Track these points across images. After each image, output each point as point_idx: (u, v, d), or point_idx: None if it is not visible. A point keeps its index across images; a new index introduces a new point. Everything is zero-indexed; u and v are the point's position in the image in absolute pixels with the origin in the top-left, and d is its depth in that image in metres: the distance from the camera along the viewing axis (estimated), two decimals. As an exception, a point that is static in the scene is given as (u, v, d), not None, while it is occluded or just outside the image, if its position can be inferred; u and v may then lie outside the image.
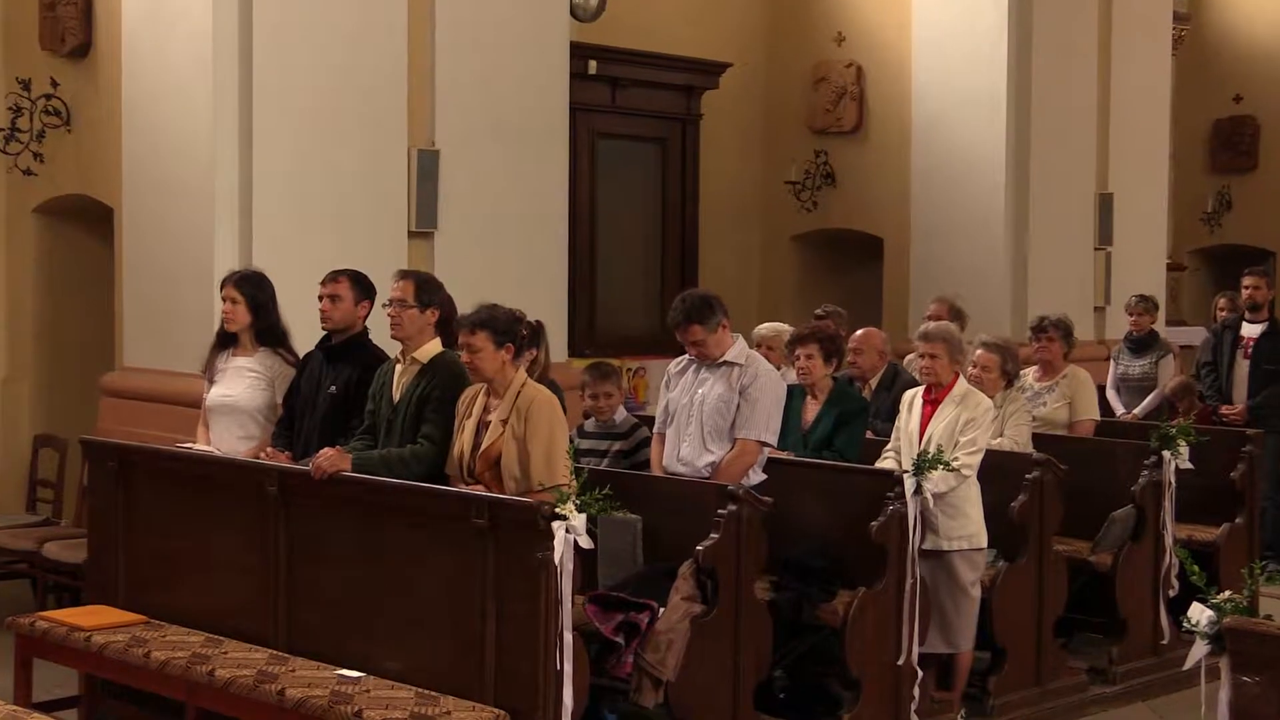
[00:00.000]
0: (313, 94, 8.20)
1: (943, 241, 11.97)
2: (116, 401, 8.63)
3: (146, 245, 8.48)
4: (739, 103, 12.65)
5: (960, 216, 11.90)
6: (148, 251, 8.48)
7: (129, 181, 8.61)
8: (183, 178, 8.16)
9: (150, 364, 8.47)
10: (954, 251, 11.89)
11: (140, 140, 8.50)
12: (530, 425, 5.62)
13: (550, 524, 5.04)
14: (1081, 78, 12.42)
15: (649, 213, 11.51)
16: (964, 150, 11.88)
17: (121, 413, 8.50)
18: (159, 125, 8.35)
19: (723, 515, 5.75)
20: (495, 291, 6.83)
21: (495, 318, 5.74)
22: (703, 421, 6.36)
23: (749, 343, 6.84)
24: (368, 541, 5.64)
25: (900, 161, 12.26)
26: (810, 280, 13.00)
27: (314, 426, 6.36)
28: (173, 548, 6.35)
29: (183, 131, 8.17)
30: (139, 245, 8.55)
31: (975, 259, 11.80)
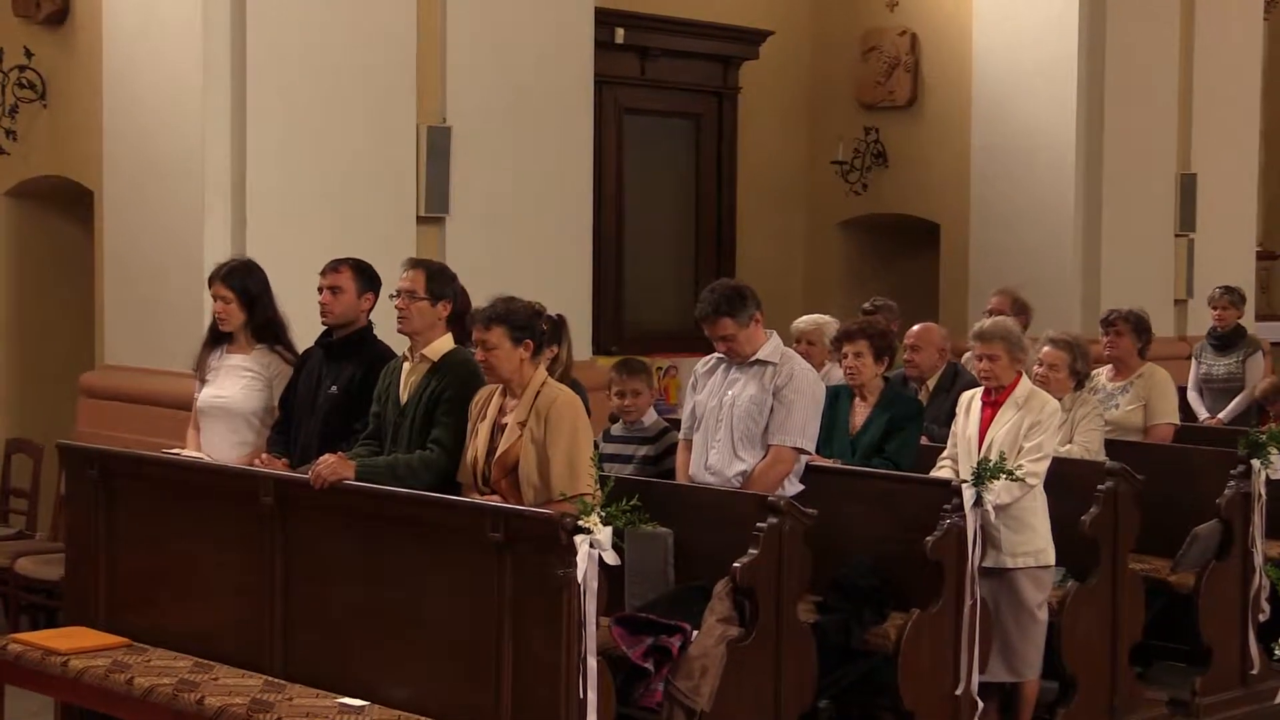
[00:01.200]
0: (312, 65, 8.23)
1: (1006, 228, 11.94)
2: (97, 403, 8.68)
3: (130, 231, 8.53)
4: (781, 74, 12.65)
5: (1025, 200, 11.87)
6: (131, 238, 8.52)
7: (110, 161, 8.66)
8: (169, 157, 8.21)
9: (134, 361, 8.52)
10: (1018, 239, 11.86)
11: (123, 116, 8.55)
12: (551, 429, 5.63)
13: (573, 538, 5.04)
14: (1162, 45, 12.37)
15: (681, 196, 11.52)
16: (1030, 126, 11.85)
17: (102, 415, 8.55)
18: (143, 99, 8.39)
19: (762, 529, 5.75)
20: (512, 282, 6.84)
21: (512, 311, 5.76)
22: (733, 426, 6.36)
23: (787, 338, 6.84)
24: (372, 557, 5.66)
25: (959, 139, 12.24)
26: (859, 271, 12.99)
27: (313, 430, 6.39)
28: (158, 564, 6.38)
29: (169, 106, 8.22)
30: (121, 231, 8.60)
31: (1042, 247, 11.77)
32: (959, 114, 12.25)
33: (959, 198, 12.26)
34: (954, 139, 12.28)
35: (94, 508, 6.59)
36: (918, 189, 12.58)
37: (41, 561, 8.01)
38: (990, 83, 12.03)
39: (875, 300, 9.32)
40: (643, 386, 7.02)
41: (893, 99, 12.63)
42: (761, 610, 5.73)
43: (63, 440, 7.06)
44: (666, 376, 10.86)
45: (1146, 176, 12.22)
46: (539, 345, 5.86)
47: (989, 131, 12.04)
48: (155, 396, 8.17)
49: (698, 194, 11.56)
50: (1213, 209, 12.76)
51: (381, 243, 7.90)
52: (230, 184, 8.04)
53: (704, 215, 11.57)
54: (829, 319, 8.46)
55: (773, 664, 5.77)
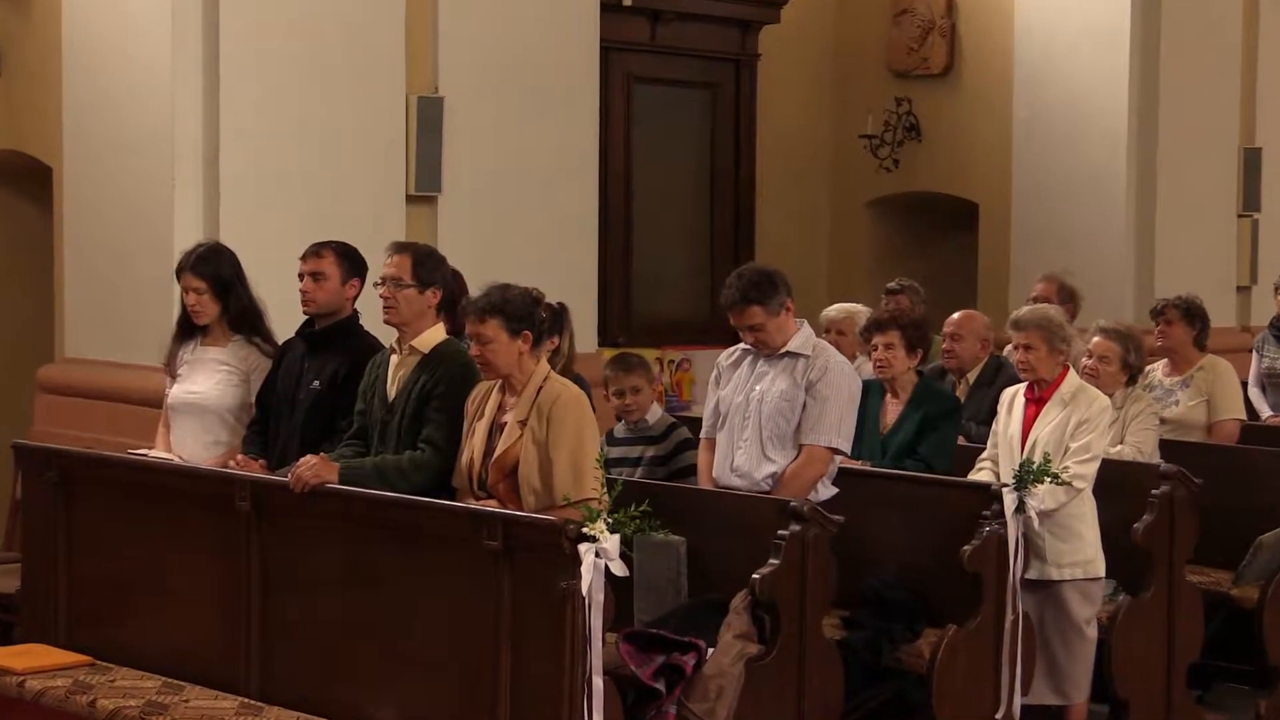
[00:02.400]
0: (291, 29, 8.24)
1: (1051, 207, 11.93)
2: (56, 399, 8.70)
3: (92, 211, 8.55)
4: (804, 40, 12.65)
5: (1072, 177, 11.86)
6: (94, 219, 8.54)
7: (70, 135, 8.67)
8: (135, 130, 8.22)
9: (97, 354, 8.54)
10: (1064, 219, 11.86)
11: (84, 85, 8.56)
12: (553, 427, 5.65)
13: (577, 546, 5.06)
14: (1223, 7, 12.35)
15: (696, 173, 11.52)
16: (1078, 95, 11.84)
17: (62, 412, 8.57)
18: (106, 67, 8.40)
19: (784, 536, 5.76)
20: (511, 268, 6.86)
21: (508, 300, 5.77)
22: (761, 424, 6.38)
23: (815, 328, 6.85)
24: (358, 567, 5.68)
25: (999, 110, 12.23)
26: (890, 254, 12.99)
27: (293, 429, 6.41)
28: (124, 575, 6.40)
29: (135, 74, 8.23)
30: (83, 212, 8.62)
31: (1090, 228, 11.77)
32: (999, 82, 12.24)
33: (999, 174, 12.25)
34: (994, 110, 12.28)
35: (53, 514, 6.61)
36: (954, 165, 12.57)
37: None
38: (1034, 48, 12.02)
39: (900, 280, 9.32)
40: (642, 382, 7.02)
41: (927, 66, 12.62)
42: (783, 626, 5.74)
43: (18, 440, 7.06)
44: (679, 371, 10.88)
45: (1206, 151, 12.21)
46: (538, 336, 5.87)
47: (1032, 101, 12.03)
48: (120, 392, 8.19)
49: (713, 171, 11.56)
50: (1279, 187, 12.75)
51: (368, 224, 7.91)
52: (202, 159, 8.05)
53: (720, 194, 11.57)
54: (861, 308, 8.47)
55: (795, 684, 5.77)
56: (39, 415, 8.80)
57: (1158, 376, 8.67)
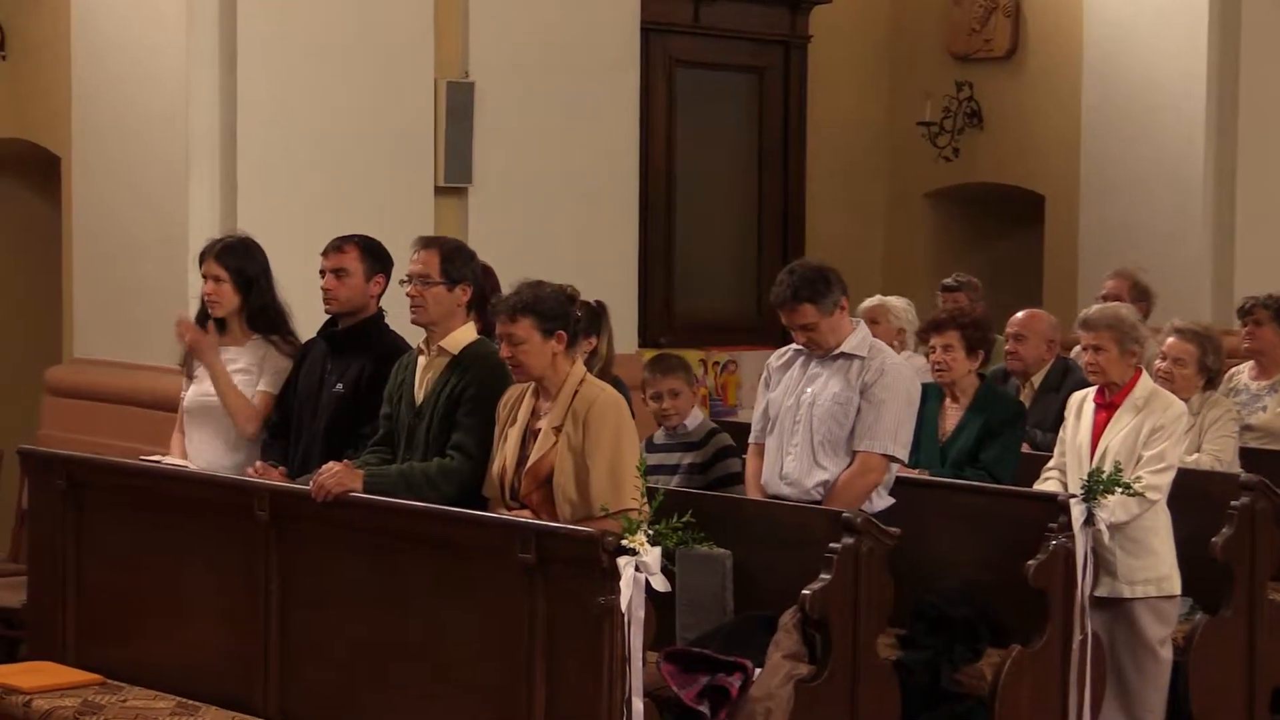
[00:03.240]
0: (312, 11, 8.27)
1: (1122, 199, 11.88)
2: (64, 402, 8.75)
3: (102, 203, 8.59)
4: (858, 20, 12.63)
5: (1145, 167, 11.81)
6: (104, 211, 8.58)
7: (79, 123, 8.72)
8: (148, 117, 8.26)
9: (108, 354, 8.58)
10: (1136, 212, 11.80)
11: (94, 69, 8.61)
12: (590, 434, 5.66)
13: (616, 560, 5.06)
14: (1308, -15, 12.28)
15: (742, 163, 11.52)
16: (1152, 80, 11.79)
17: (71, 416, 8.61)
18: (118, 51, 8.45)
19: (836, 550, 5.76)
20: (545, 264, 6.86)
21: (541, 299, 5.78)
22: (813, 429, 6.37)
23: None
24: (383, 581, 5.70)
25: (1067, 96, 12.19)
26: (949, 250, 12.96)
27: (315, 435, 6.43)
28: (136, 589, 6.43)
29: (148, 58, 8.27)
30: (93, 204, 8.67)
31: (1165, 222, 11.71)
32: (1067, 65, 12.20)
33: (1067, 164, 12.21)
34: (1061, 95, 12.23)
35: (61, 524, 6.65)
36: (1018, 154, 12.54)
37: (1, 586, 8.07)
38: (1105, 28, 11.97)
39: (958, 276, 9.32)
40: (681, 385, 7.02)
41: (989, 49, 12.59)
42: (835, 645, 5.73)
43: (24, 445, 7.11)
44: (725, 373, 10.87)
45: (1290, 139, 12.13)
46: (574, 336, 5.87)
47: (1103, 86, 11.98)
48: (132, 395, 8.23)
49: (761, 160, 11.56)
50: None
51: (394, 217, 7.94)
52: (218, 148, 8.09)
53: (768, 185, 11.57)
54: (896, 299, 8.50)
55: (848, 707, 5.77)
56: (46, 419, 8.85)
57: (1243, 380, 8.63)
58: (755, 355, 9.87)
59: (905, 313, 8.65)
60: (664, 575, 5.12)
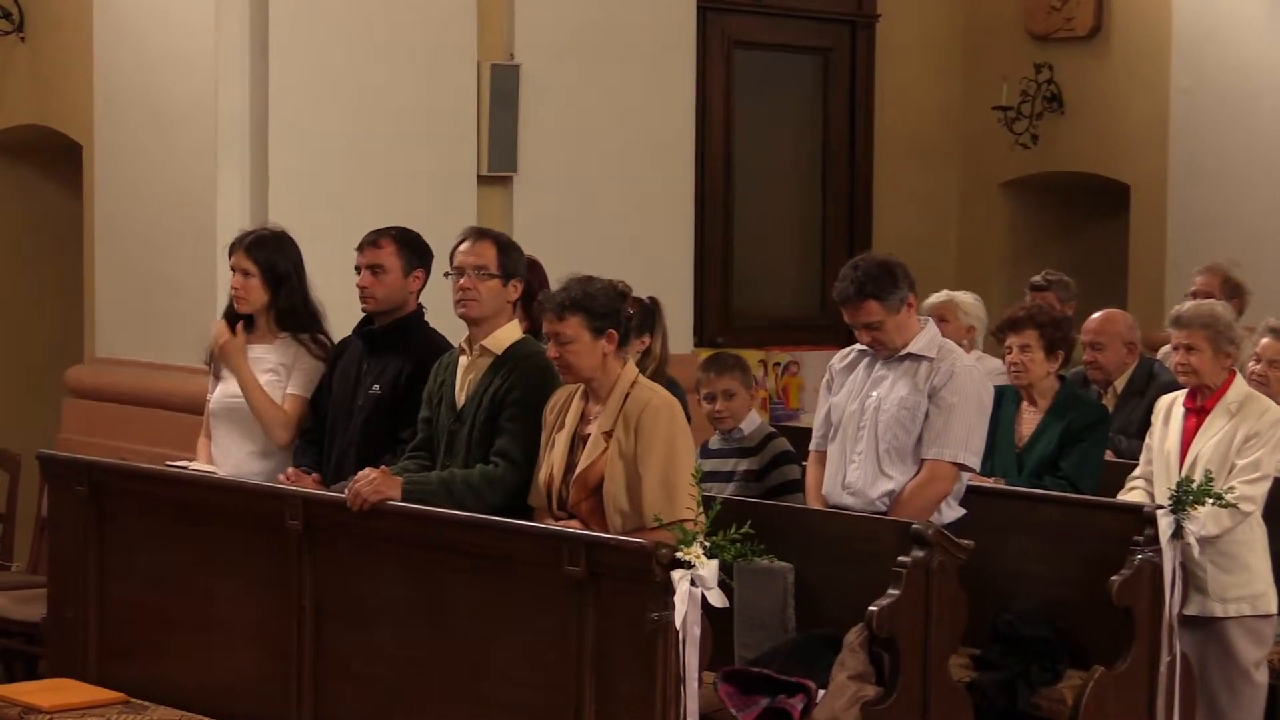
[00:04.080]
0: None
1: (1213, 189, 11.82)
2: (86, 404, 8.80)
3: (127, 194, 8.64)
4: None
5: (1239, 154, 11.74)
6: (129, 203, 8.63)
7: (102, 109, 8.77)
8: (175, 103, 8.31)
9: (131, 354, 8.63)
10: (1229, 203, 11.74)
11: (118, 52, 8.66)
12: (643, 439, 5.66)
13: (670, 573, 5.07)
14: None
15: (806, 151, 11.51)
16: (1246, 61, 11.72)
17: (93, 419, 8.67)
18: (143, 32, 8.50)
19: (906, 564, 5.75)
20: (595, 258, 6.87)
21: (591, 295, 5.78)
22: (878, 435, 6.36)
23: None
24: (423, 596, 5.72)
25: (1154, 78, 12.12)
26: (1028, 243, 12.91)
27: (350, 439, 6.46)
28: (161, 602, 6.46)
29: (175, 41, 8.31)
30: (117, 195, 8.71)
31: (1259, 214, 11.64)
32: (1155, 46, 12.13)
33: (1154, 152, 12.14)
34: (1148, 78, 12.17)
35: (83, 533, 6.69)
36: (1102, 141, 12.48)
37: (19, 599, 8.12)
38: (1195, 5, 11.90)
39: (1047, 274, 9.27)
40: (736, 386, 7.02)
41: (1071, 28, 12.53)
42: (904, 665, 5.72)
43: (44, 450, 7.14)
44: (786, 375, 10.87)
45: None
46: (625, 335, 5.88)
47: (1193, 68, 11.92)
48: (158, 396, 8.28)
49: (826, 148, 11.54)
50: None
51: (434, 209, 7.96)
52: (249, 136, 8.12)
53: (833, 175, 11.55)
54: (965, 294, 8.47)
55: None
56: (67, 422, 8.90)
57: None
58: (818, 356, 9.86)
59: (975, 309, 8.60)
60: (721, 590, 5.12)
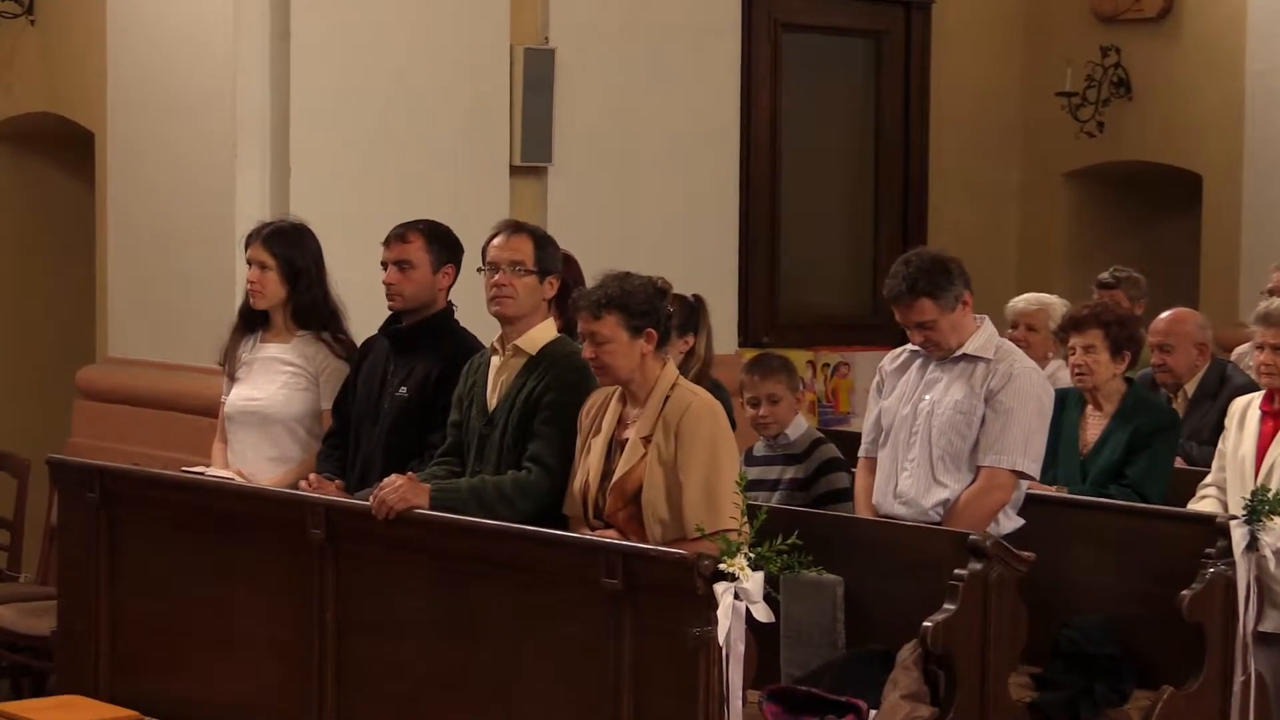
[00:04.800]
0: (375, -30, 8.34)
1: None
2: (98, 406, 8.83)
3: (141, 185, 8.66)
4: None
5: (1319, 143, 11.71)
6: (143, 194, 8.66)
7: (116, 95, 8.80)
8: (192, 90, 8.33)
9: (146, 354, 8.66)
10: (1309, 195, 11.71)
11: (132, 37, 8.68)
12: (684, 444, 5.67)
13: (713, 586, 5.07)
14: None
15: (857, 139, 11.50)
16: (1326, 44, 11.68)
17: (105, 422, 8.69)
18: (158, 16, 8.52)
19: (962, 577, 5.74)
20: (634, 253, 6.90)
21: (629, 292, 5.78)
22: (931, 441, 6.35)
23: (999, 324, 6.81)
24: (451, 608, 5.74)
25: (1229, 62, 12.08)
26: (1093, 238, 12.88)
27: (376, 444, 6.48)
28: (176, 615, 6.50)
29: (192, 25, 8.34)
30: (130, 186, 8.74)
31: (1341, 206, 11.61)
32: (1229, 28, 12.09)
33: (1228, 140, 12.10)
34: (1222, 61, 12.13)
35: (94, 542, 6.72)
36: (1172, 129, 12.44)
37: (27, 611, 8.14)
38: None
39: (1116, 271, 9.23)
40: (780, 389, 6.99)
41: (1139, 9, 12.49)
42: (960, 684, 5.72)
43: (54, 455, 7.17)
44: (836, 377, 10.86)
45: None
46: (665, 335, 5.88)
47: (1270, 52, 11.87)
48: (173, 398, 8.30)
49: (878, 137, 11.52)
50: None
51: (464, 201, 7.98)
52: (269, 125, 8.14)
53: (886, 165, 11.53)
54: (1055, 299, 8.39)
55: (975, 755, 5.77)
56: (78, 426, 8.93)
57: None
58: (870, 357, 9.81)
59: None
60: (767, 604, 5.13)
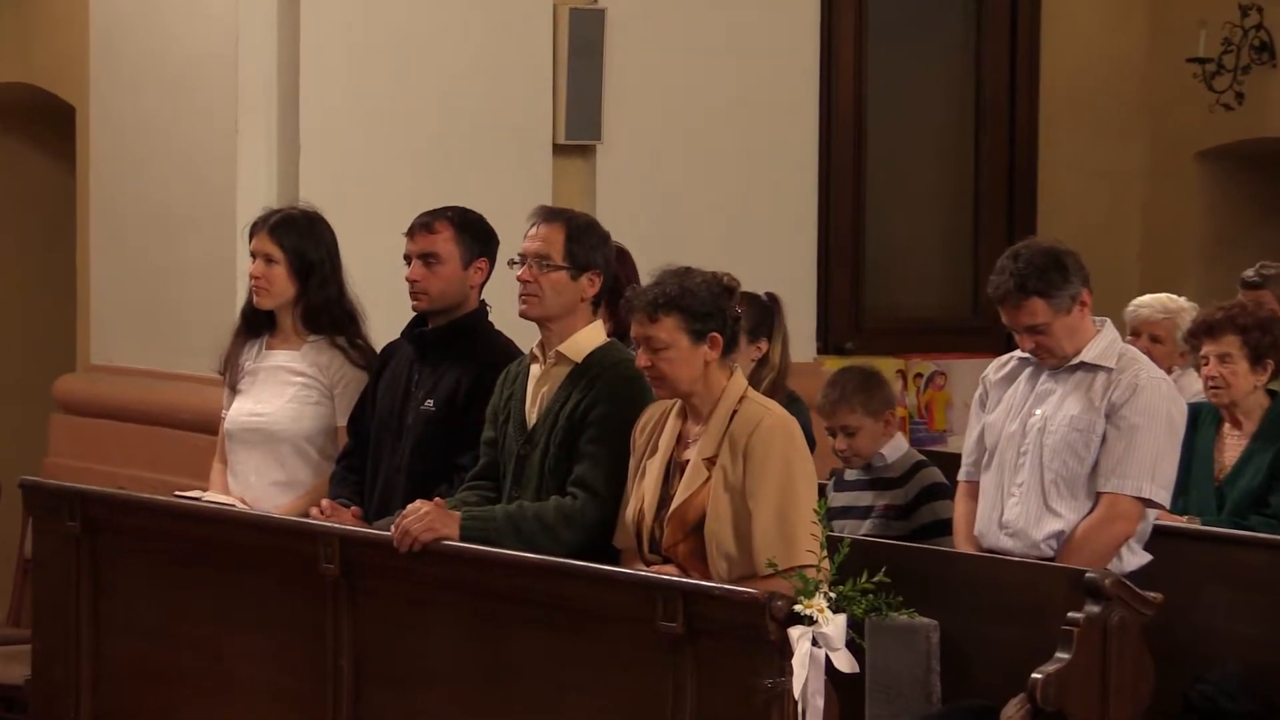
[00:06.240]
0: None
1: None
2: (78, 421, 8.86)
3: (129, 167, 8.69)
4: (1109, -73, 12.58)
5: None
6: (131, 178, 8.68)
7: (100, 64, 8.84)
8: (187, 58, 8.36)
9: (134, 361, 8.68)
10: None
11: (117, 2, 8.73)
12: (753, 467, 5.66)
13: (787, 631, 5.09)
14: None
15: (955, 115, 11.49)
16: None
17: (87, 439, 8.73)
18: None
19: (1077, 621, 5.73)
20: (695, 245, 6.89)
21: (689, 291, 5.78)
22: (1043, 463, 6.35)
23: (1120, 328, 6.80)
24: (483, 653, 5.75)
25: (1388, 24, 12.07)
26: (1231, 226, 12.84)
27: (398, 465, 6.50)
28: (168, 660, 6.52)
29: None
30: (116, 167, 8.77)
31: None
32: (1389, -16, 12.08)
33: (1388, 115, 12.09)
34: (1380, 24, 12.11)
35: (74, 577, 6.75)
36: (1323, 101, 12.42)
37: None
38: None
39: (1264, 267, 9.18)
40: (857, 418, 6.86)
41: (1284, -38, 12.48)
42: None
43: (28, 477, 7.20)
44: (929, 388, 10.84)
45: None
46: (732, 340, 5.88)
47: None
48: (164, 412, 8.33)
49: (979, 112, 11.51)
50: None
51: (499, 185, 7.99)
52: (276, 97, 8.17)
53: (988, 143, 11.51)
54: (1184, 303, 8.37)
55: (1094, 825, 5.77)
56: (55, 443, 8.97)
57: None
58: (969, 365, 9.83)
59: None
60: (850, 651, 5.14)
